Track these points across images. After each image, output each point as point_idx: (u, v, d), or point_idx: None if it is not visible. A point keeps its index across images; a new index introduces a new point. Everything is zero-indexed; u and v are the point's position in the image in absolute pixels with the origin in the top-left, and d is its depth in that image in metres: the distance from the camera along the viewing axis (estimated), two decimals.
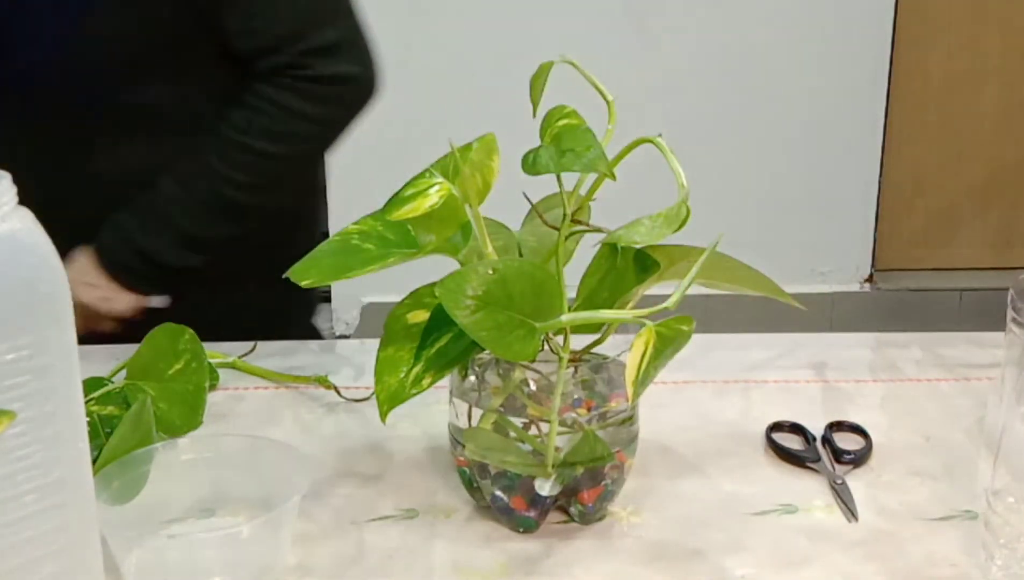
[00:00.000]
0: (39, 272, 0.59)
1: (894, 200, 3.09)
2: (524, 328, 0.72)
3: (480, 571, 0.76)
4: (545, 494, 0.79)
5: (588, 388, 0.80)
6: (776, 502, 0.84)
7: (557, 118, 0.79)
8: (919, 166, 3.09)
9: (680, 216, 0.75)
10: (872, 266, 3.11)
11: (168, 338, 0.93)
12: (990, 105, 3.06)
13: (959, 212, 3.15)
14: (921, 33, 2.98)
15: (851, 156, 2.99)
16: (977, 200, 3.14)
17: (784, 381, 1.03)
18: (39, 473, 0.60)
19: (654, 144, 0.78)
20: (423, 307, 0.78)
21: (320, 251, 0.81)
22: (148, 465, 0.79)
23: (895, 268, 3.15)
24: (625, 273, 0.78)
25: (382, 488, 0.86)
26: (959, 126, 3.07)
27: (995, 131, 3.08)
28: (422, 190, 0.77)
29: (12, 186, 0.59)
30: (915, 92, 3.02)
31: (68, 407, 0.61)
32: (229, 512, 0.80)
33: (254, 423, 0.95)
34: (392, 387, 0.78)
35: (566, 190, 0.78)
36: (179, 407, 0.90)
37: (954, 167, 3.10)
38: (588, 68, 0.81)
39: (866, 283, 3.11)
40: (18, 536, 0.60)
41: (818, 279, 3.08)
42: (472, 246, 0.79)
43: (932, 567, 0.76)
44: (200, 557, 0.73)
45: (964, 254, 3.18)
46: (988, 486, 0.76)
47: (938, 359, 1.07)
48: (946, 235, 3.17)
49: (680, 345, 0.73)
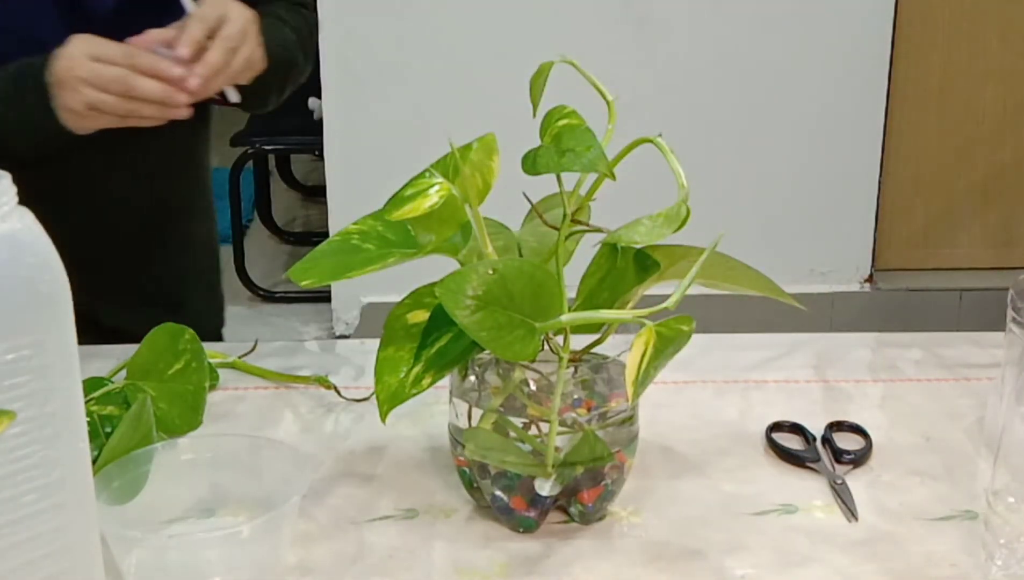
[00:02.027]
0: (39, 272, 0.59)
1: (894, 200, 3.09)
2: (524, 328, 0.72)
3: (480, 571, 0.76)
4: (545, 494, 0.78)
5: (588, 388, 0.80)
6: (776, 502, 0.84)
7: (557, 118, 0.79)
8: (919, 166, 3.09)
9: (680, 216, 0.75)
10: (872, 266, 3.10)
11: (168, 338, 0.93)
12: (990, 105, 3.06)
13: (959, 212, 3.15)
14: (921, 33, 2.98)
15: (851, 156, 2.99)
16: (977, 200, 3.14)
17: (784, 381, 1.03)
18: (39, 473, 0.60)
19: (654, 144, 0.78)
20: (423, 307, 0.78)
21: (320, 251, 0.81)
22: (148, 465, 0.79)
23: (895, 268, 3.14)
24: (625, 273, 0.78)
25: (382, 488, 0.86)
26: (959, 126, 3.07)
27: (995, 131, 3.08)
28: (422, 190, 0.77)
29: (12, 186, 0.59)
30: (915, 92, 3.02)
31: (68, 407, 0.61)
32: (229, 512, 0.80)
33: (254, 423, 0.95)
34: (392, 387, 0.78)
35: (566, 190, 0.78)
36: (179, 407, 0.90)
37: (954, 167, 3.10)
38: (588, 68, 0.81)
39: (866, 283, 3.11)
40: (18, 536, 0.60)
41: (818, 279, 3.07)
42: (472, 246, 0.79)
43: (932, 567, 0.76)
44: (200, 557, 0.73)
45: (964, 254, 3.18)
46: (988, 486, 0.76)
47: (938, 359, 1.07)
48: (946, 235, 3.17)
49: (680, 345, 0.73)
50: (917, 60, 3.00)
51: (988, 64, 3.02)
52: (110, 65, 1.04)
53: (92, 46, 1.05)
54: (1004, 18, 2.99)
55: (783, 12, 2.86)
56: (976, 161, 3.10)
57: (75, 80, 1.04)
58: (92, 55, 1.05)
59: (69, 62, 1.05)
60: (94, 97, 1.04)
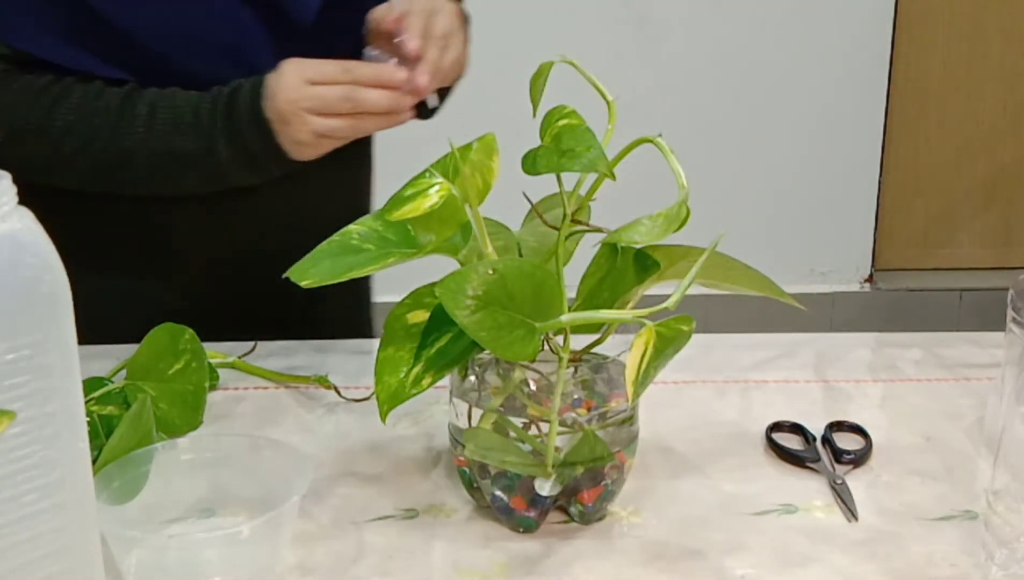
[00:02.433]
0: (39, 272, 0.59)
1: (894, 200, 3.09)
2: (524, 328, 0.72)
3: (480, 571, 0.76)
4: (545, 494, 0.78)
5: (588, 388, 0.80)
6: (776, 502, 0.84)
7: (557, 118, 0.79)
8: (919, 166, 3.09)
9: (680, 216, 0.75)
10: (872, 266, 3.11)
11: (168, 338, 0.93)
12: (990, 105, 3.06)
13: (959, 212, 3.15)
14: (921, 33, 2.98)
15: (851, 156, 2.99)
16: (977, 200, 3.14)
17: (784, 381, 1.03)
18: (39, 473, 0.60)
19: (654, 144, 0.78)
20: (423, 307, 0.78)
21: (320, 251, 0.81)
22: (148, 465, 0.79)
23: (895, 268, 3.15)
24: (625, 273, 0.78)
25: (382, 488, 0.86)
26: (959, 126, 3.07)
27: (995, 131, 3.08)
28: (422, 190, 0.77)
29: (12, 186, 0.59)
30: (915, 92, 3.02)
31: (68, 407, 0.61)
32: (229, 512, 0.80)
33: (254, 423, 0.95)
34: (392, 387, 0.78)
35: (566, 190, 0.78)
36: (179, 407, 0.90)
37: (954, 167, 3.10)
38: (588, 68, 0.81)
39: (866, 283, 3.11)
40: (18, 536, 0.60)
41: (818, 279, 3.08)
42: (472, 246, 0.79)
43: (932, 567, 0.76)
44: (200, 557, 0.73)
45: (964, 254, 3.18)
46: (988, 486, 0.76)
47: (938, 359, 1.07)
48: (946, 235, 3.17)
49: (680, 345, 0.73)
50: (917, 60, 3.00)
51: (988, 64, 3.02)
52: (331, 85, 0.98)
53: (305, 70, 0.99)
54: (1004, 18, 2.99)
55: (783, 12, 2.87)
56: (976, 161, 3.10)
57: (300, 112, 0.99)
58: (309, 79, 0.99)
59: (289, 94, 0.99)
60: (323, 126, 0.99)
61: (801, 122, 2.95)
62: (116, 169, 1.04)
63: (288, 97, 0.99)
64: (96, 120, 1.03)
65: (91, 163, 1.04)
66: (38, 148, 1.04)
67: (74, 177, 1.06)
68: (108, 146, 1.03)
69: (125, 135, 1.03)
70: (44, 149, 1.04)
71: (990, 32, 3.00)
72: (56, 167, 1.05)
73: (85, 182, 1.07)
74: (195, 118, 1.03)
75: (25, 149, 1.04)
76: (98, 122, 1.03)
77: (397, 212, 0.77)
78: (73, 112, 1.03)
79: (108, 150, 1.03)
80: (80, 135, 1.03)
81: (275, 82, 1.00)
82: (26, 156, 1.03)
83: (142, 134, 1.03)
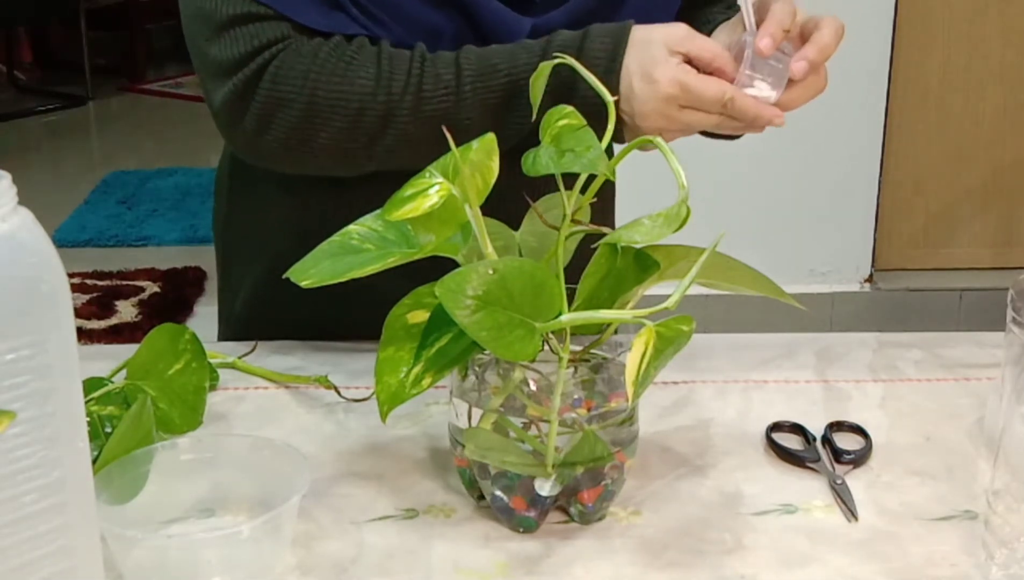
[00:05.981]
0: (39, 272, 0.59)
1: (894, 200, 3.09)
2: (524, 328, 0.72)
3: (480, 571, 0.76)
4: (545, 494, 0.79)
5: (588, 388, 0.80)
6: (776, 502, 0.84)
7: (557, 118, 0.80)
8: (919, 166, 3.09)
9: (680, 216, 0.75)
10: (872, 266, 3.10)
11: (168, 338, 0.93)
12: (990, 105, 3.06)
13: (959, 212, 3.15)
14: (921, 33, 2.98)
15: (851, 156, 2.99)
16: (977, 200, 3.14)
17: (784, 381, 1.03)
18: (39, 473, 0.60)
19: (654, 144, 0.78)
20: (423, 307, 0.78)
21: (320, 251, 0.81)
22: (148, 465, 0.79)
23: (895, 268, 3.15)
24: (625, 273, 0.78)
25: (382, 488, 0.86)
26: (959, 126, 3.07)
27: (995, 131, 3.08)
28: (422, 190, 0.77)
29: (12, 186, 0.59)
30: (915, 92, 3.02)
31: (68, 407, 0.61)
32: (229, 512, 0.80)
33: (254, 423, 0.95)
34: (392, 387, 0.78)
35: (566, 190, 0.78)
36: (179, 407, 0.90)
37: (954, 167, 3.10)
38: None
39: (866, 283, 3.11)
40: (18, 536, 0.60)
41: (818, 279, 3.07)
42: (472, 246, 0.79)
43: (932, 567, 0.76)
44: (200, 557, 0.73)
45: (964, 254, 3.18)
46: (988, 486, 0.76)
47: (938, 359, 1.07)
48: (946, 235, 3.17)
49: (680, 345, 0.73)
50: (917, 60, 3.00)
51: (988, 64, 3.02)
52: (703, 114, 0.93)
53: (684, 88, 0.92)
54: (1004, 18, 2.99)
55: None
56: (976, 161, 3.10)
57: (661, 122, 0.93)
58: (681, 103, 0.92)
59: (659, 105, 0.92)
60: (676, 137, 0.95)
61: (801, 122, 2.94)
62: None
63: (656, 109, 0.93)
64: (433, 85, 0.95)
65: (421, 128, 0.96)
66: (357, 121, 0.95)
67: (384, 150, 0.97)
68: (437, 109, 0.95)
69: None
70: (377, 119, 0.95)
71: (990, 32, 3.00)
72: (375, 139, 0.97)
73: (390, 155, 0.97)
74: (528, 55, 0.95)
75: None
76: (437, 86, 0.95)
77: (397, 212, 0.77)
78: (402, 77, 0.95)
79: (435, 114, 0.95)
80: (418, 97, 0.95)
81: (651, 83, 0.93)
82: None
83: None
